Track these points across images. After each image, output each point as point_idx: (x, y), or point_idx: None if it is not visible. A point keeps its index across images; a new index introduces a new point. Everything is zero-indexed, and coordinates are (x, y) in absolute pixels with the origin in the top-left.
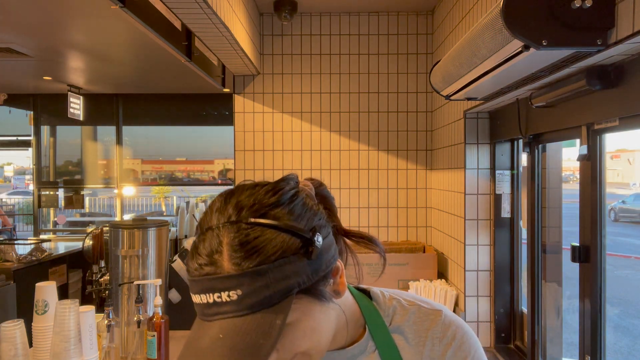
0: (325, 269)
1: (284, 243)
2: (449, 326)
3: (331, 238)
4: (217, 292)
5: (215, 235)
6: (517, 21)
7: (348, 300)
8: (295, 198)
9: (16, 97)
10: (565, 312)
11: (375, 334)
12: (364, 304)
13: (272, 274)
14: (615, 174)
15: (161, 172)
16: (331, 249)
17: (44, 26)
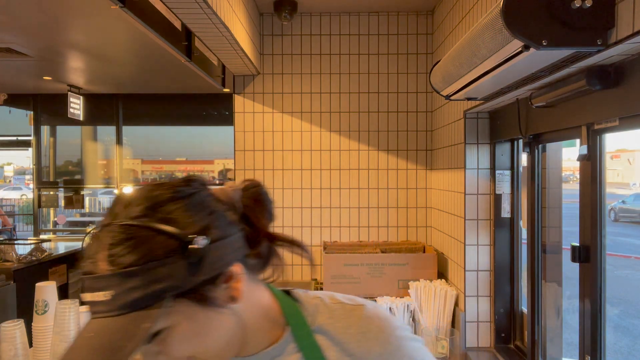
0: (210, 272)
1: (158, 244)
2: (372, 320)
3: (229, 241)
4: (94, 291)
5: (99, 234)
6: (517, 21)
7: (262, 302)
8: (186, 198)
9: (16, 97)
10: (565, 312)
11: (297, 335)
12: (286, 305)
13: (142, 276)
14: (615, 174)
15: (161, 172)
16: (225, 253)
17: (44, 26)
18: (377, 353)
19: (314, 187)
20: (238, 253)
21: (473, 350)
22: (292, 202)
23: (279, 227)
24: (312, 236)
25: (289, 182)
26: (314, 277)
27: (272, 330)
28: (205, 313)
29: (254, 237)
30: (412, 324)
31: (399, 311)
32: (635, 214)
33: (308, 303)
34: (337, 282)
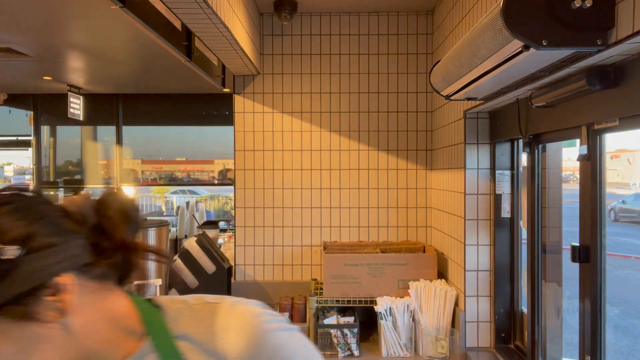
0: (28, 284)
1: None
2: (233, 315)
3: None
4: None
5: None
6: (517, 21)
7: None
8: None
9: (16, 97)
10: (565, 312)
11: (157, 344)
12: (146, 313)
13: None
14: (615, 174)
15: (161, 172)
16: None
17: (44, 26)
18: (240, 347)
19: (314, 187)
20: (70, 263)
21: (473, 350)
22: (292, 202)
23: (279, 227)
24: (312, 236)
25: (289, 182)
26: (314, 277)
27: (128, 342)
28: (27, 329)
29: (107, 246)
30: (412, 324)
31: (399, 311)
32: (635, 214)
33: (170, 309)
34: (337, 282)
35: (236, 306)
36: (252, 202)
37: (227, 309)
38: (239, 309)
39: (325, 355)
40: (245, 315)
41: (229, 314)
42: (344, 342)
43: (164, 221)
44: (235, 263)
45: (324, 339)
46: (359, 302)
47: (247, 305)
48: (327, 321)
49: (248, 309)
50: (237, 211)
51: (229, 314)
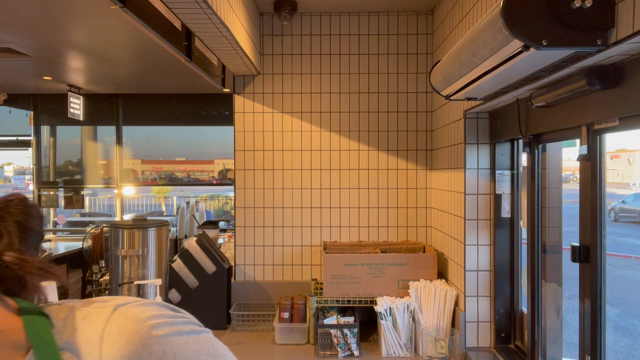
0: None
1: None
2: (116, 320)
3: None
4: None
5: None
6: (517, 21)
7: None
8: None
9: (16, 97)
10: (565, 312)
11: (41, 357)
12: (30, 325)
13: None
14: (615, 174)
15: (161, 172)
16: None
17: (44, 26)
18: (117, 356)
19: (314, 187)
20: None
21: (473, 350)
22: (292, 202)
23: (279, 227)
24: (312, 236)
25: (289, 182)
26: (314, 277)
27: (9, 357)
28: None
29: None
30: (412, 324)
31: (399, 311)
32: (635, 214)
33: (57, 318)
34: (337, 282)
35: (122, 310)
36: (252, 202)
37: (111, 314)
38: (124, 313)
39: (326, 355)
40: (128, 320)
41: (113, 319)
42: (344, 342)
43: (164, 221)
44: (235, 263)
45: (324, 339)
46: (359, 302)
47: (135, 307)
48: (327, 321)
49: (134, 313)
50: (237, 211)
51: (113, 319)
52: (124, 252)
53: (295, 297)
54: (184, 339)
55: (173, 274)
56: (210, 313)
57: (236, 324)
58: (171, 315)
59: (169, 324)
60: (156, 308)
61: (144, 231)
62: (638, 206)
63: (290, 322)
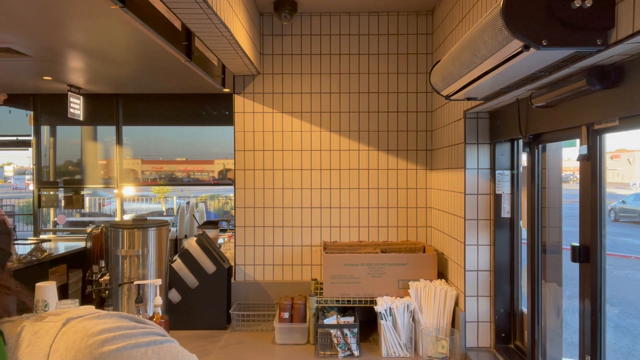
0: None
1: None
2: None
3: None
4: None
5: None
6: (517, 21)
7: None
8: None
9: (16, 97)
10: (565, 312)
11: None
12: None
13: None
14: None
15: (161, 172)
16: None
17: (44, 26)
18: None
19: (314, 187)
20: None
21: (473, 350)
22: (292, 202)
23: (279, 227)
24: (312, 236)
25: (289, 182)
26: (314, 277)
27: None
28: None
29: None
30: (412, 324)
31: (399, 311)
32: (635, 214)
33: (10, 333)
34: (337, 282)
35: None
36: (252, 202)
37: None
38: (74, 328)
39: (325, 355)
40: (77, 334)
41: (62, 334)
42: (344, 342)
43: (164, 221)
44: (235, 263)
45: (324, 339)
46: (359, 302)
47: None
48: (327, 321)
49: (85, 327)
50: (237, 211)
51: (62, 334)
52: (124, 252)
53: (295, 297)
54: (142, 351)
55: (173, 274)
56: (210, 313)
57: (236, 324)
58: (129, 327)
59: (124, 336)
60: (113, 320)
61: (144, 231)
62: (638, 206)
63: (290, 322)
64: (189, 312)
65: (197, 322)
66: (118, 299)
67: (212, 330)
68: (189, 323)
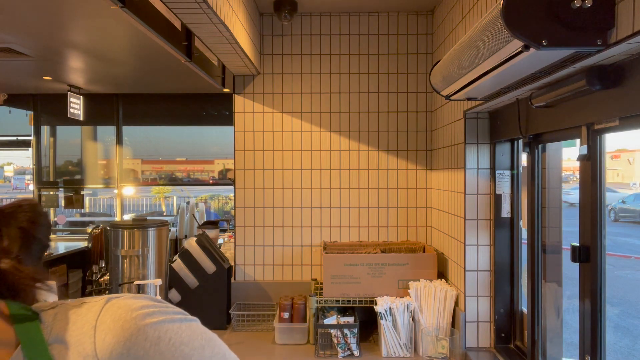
0: None
1: None
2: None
3: None
4: None
5: None
6: (517, 21)
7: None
8: None
9: (16, 97)
10: (565, 312)
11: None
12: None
13: None
14: (615, 174)
15: (161, 172)
16: None
17: (44, 26)
18: (112, 344)
19: (314, 187)
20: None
21: (473, 350)
22: (292, 202)
23: (279, 227)
24: (312, 236)
25: (289, 182)
26: (314, 277)
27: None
28: None
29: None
30: (412, 324)
31: (399, 311)
32: (635, 214)
33: (47, 314)
34: (337, 282)
35: (114, 301)
36: (252, 202)
37: (103, 305)
38: (116, 304)
39: (325, 355)
40: (120, 310)
41: (106, 310)
42: (344, 342)
43: (164, 221)
44: (235, 263)
45: (324, 339)
46: (359, 302)
47: (127, 299)
48: (327, 321)
49: (126, 304)
50: (237, 211)
51: (105, 310)
52: (124, 252)
53: (295, 297)
54: (177, 325)
55: (173, 274)
56: (210, 313)
57: (236, 324)
58: (162, 305)
59: (161, 312)
60: (147, 299)
61: (144, 231)
62: (638, 206)
63: (290, 322)
64: (189, 312)
65: None
66: None
67: (212, 330)
68: None
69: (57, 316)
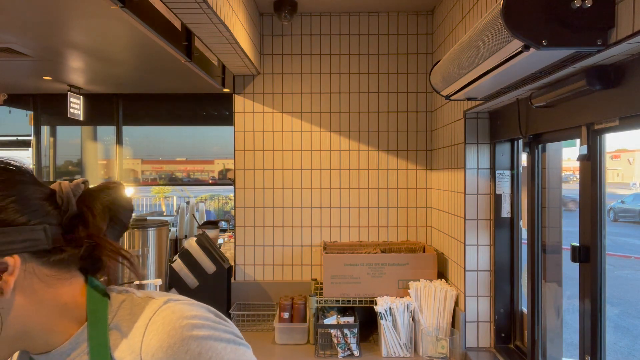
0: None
1: None
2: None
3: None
4: None
5: None
6: (517, 21)
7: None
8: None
9: (16, 97)
10: (565, 312)
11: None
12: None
13: None
14: (615, 174)
15: (161, 172)
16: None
17: (44, 26)
18: (155, 348)
19: (314, 187)
20: (26, 245)
21: (473, 350)
22: (292, 202)
23: (279, 227)
24: (312, 236)
25: (289, 182)
26: (314, 277)
27: (70, 329)
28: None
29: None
30: (412, 324)
31: (399, 311)
32: (635, 214)
33: (115, 299)
34: (337, 282)
35: (170, 305)
36: (252, 202)
37: (161, 306)
38: (172, 308)
39: (325, 355)
40: (172, 315)
41: (160, 312)
42: (344, 342)
43: (164, 221)
44: (235, 263)
45: (324, 339)
46: (359, 302)
47: (183, 305)
48: (327, 321)
49: (180, 309)
50: (237, 211)
51: (161, 311)
52: None
53: (295, 297)
54: (222, 346)
55: (173, 274)
56: None
57: (236, 324)
58: (215, 321)
59: (210, 327)
60: (203, 311)
61: (144, 231)
62: (637, 206)
63: (290, 322)
64: None
65: None
66: None
67: None
68: None
69: (123, 304)
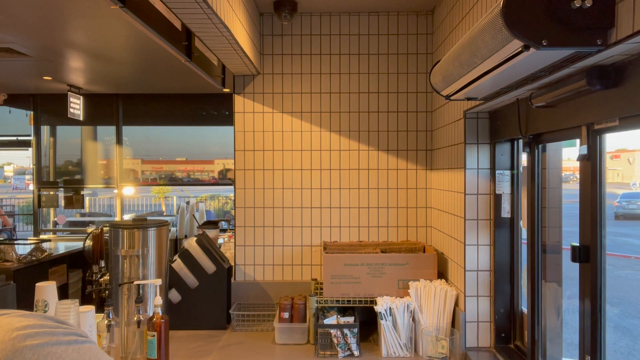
0: None
1: None
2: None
3: None
4: None
5: None
6: (517, 21)
7: None
8: None
9: (16, 97)
10: (565, 312)
11: None
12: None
13: None
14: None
15: (161, 172)
16: None
17: (44, 26)
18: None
19: (314, 187)
20: None
21: (473, 350)
22: (292, 202)
23: (279, 227)
24: (312, 236)
25: (289, 182)
26: (314, 277)
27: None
28: None
29: None
30: (412, 324)
31: (399, 311)
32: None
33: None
34: (337, 282)
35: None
36: (252, 202)
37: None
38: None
39: (325, 355)
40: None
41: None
42: (344, 342)
43: (164, 221)
44: (235, 263)
45: (324, 339)
46: (359, 302)
47: (12, 317)
48: (327, 321)
49: (7, 322)
50: (237, 211)
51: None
52: (124, 252)
53: (295, 297)
54: (62, 348)
55: (173, 274)
56: (210, 313)
57: (236, 324)
58: (52, 326)
59: (47, 333)
60: (36, 319)
61: (144, 231)
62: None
63: (290, 322)
64: (189, 312)
65: (197, 322)
66: (118, 299)
67: (212, 330)
68: (189, 323)
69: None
